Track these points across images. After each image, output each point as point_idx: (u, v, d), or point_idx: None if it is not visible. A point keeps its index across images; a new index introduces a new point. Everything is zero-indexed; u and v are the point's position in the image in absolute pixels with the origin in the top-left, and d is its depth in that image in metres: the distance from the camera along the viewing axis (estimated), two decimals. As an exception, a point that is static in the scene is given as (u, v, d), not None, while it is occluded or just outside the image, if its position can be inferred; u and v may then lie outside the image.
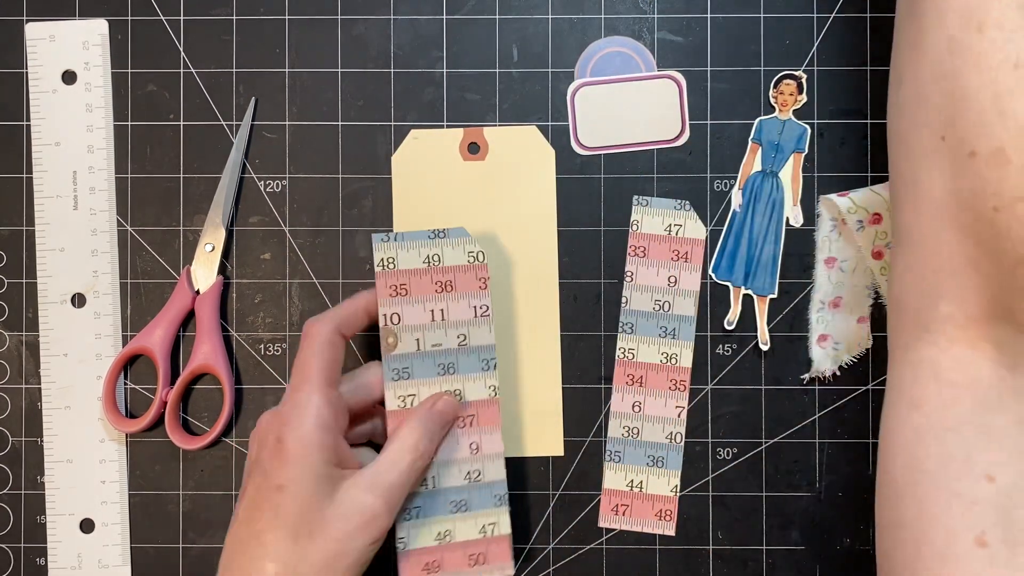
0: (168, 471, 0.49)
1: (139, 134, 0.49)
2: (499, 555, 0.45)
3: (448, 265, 0.45)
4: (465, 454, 0.45)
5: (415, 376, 0.44)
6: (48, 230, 0.48)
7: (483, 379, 0.45)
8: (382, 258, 0.44)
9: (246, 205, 0.49)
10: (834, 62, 0.49)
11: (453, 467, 0.44)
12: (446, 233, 0.45)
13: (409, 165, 0.49)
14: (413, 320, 0.44)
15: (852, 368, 0.48)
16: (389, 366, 0.44)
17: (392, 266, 0.44)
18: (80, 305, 0.49)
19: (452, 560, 0.44)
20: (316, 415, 0.40)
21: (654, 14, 0.49)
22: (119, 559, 0.48)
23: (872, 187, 0.48)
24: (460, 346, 0.45)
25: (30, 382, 0.49)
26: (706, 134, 0.49)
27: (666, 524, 0.48)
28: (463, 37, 0.49)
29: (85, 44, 0.49)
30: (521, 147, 0.49)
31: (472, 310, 0.45)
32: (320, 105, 0.49)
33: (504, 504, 0.45)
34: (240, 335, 0.49)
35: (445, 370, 0.45)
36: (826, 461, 0.48)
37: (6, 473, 0.49)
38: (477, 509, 0.44)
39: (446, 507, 0.44)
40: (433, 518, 0.44)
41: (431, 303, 0.45)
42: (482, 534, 0.44)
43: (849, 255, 0.48)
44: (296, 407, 0.40)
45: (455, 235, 0.45)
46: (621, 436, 0.48)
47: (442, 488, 0.44)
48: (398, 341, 0.44)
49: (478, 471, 0.45)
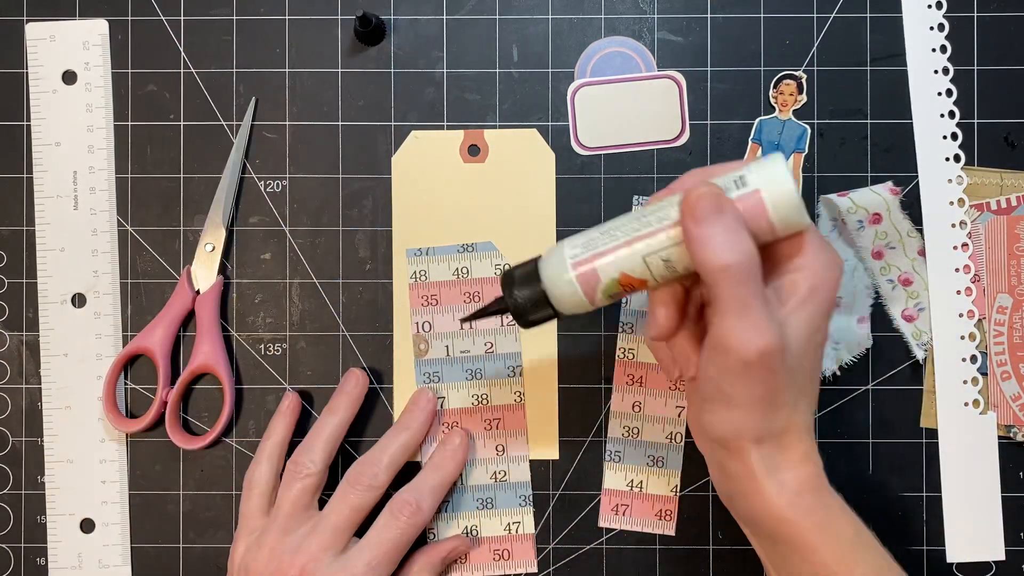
0: (168, 471, 0.49)
1: (139, 134, 0.49)
2: (523, 552, 0.47)
3: (476, 277, 0.48)
4: (491, 455, 0.48)
5: (444, 380, 0.48)
6: (48, 230, 0.49)
7: (509, 384, 0.48)
8: (415, 271, 0.47)
9: (246, 205, 0.49)
10: (834, 62, 0.49)
11: (479, 467, 0.48)
12: (474, 247, 0.48)
13: (409, 166, 0.49)
14: (443, 328, 0.47)
15: (852, 368, 0.48)
16: (420, 370, 0.48)
17: (424, 278, 0.47)
18: (80, 305, 0.49)
19: (477, 554, 0.47)
20: None
21: (654, 14, 0.49)
22: (119, 559, 0.48)
23: (872, 187, 0.48)
24: (487, 352, 0.48)
25: (30, 382, 0.49)
26: (706, 134, 0.49)
27: (666, 524, 0.48)
28: (463, 37, 0.49)
29: (85, 44, 0.49)
30: (521, 149, 0.49)
31: (498, 319, 0.48)
32: (320, 105, 0.49)
33: (529, 504, 0.48)
34: (240, 335, 0.49)
35: (472, 375, 0.48)
36: (826, 461, 0.48)
37: (6, 473, 0.49)
38: (502, 507, 0.47)
39: (473, 503, 0.47)
40: (461, 512, 0.47)
41: (460, 312, 0.48)
42: (507, 531, 0.47)
43: (849, 255, 0.48)
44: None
45: (483, 249, 0.48)
46: (621, 436, 0.48)
47: (469, 485, 0.48)
48: (429, 347, 0.47)
49: (503, 471, 0.48)
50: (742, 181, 0.35)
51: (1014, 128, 0.48)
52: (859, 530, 0.37)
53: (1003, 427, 0.48)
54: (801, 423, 0.36)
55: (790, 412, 0.35)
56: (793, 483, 0.36)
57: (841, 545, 0.36)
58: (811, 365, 0.36)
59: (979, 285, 0.48)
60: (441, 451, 0.47)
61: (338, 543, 0.43)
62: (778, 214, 0.34)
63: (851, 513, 0.37)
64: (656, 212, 0.36)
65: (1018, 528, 0.48)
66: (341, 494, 0.44)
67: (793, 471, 0.36)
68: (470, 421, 0.48)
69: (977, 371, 0.48)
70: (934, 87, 0.48)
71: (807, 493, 0.36)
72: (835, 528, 0.36)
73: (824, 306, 0.35)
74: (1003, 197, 0.48)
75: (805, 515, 0.36)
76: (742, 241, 0.33)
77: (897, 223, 0.48)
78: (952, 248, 0.48)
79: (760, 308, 0.33)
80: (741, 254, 0.33)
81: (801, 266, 0.35)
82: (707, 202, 0.33)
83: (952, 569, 0.48)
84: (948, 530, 0.48)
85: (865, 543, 0.37)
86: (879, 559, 0.37)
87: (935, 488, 0.48)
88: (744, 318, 0.33)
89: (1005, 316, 0.48)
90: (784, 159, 0.35)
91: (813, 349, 0.35)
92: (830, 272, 0.35)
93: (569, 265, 0.36)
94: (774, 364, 0.33)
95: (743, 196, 0.34)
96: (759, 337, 0.33)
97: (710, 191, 0.34)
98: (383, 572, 0.43)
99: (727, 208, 0.33)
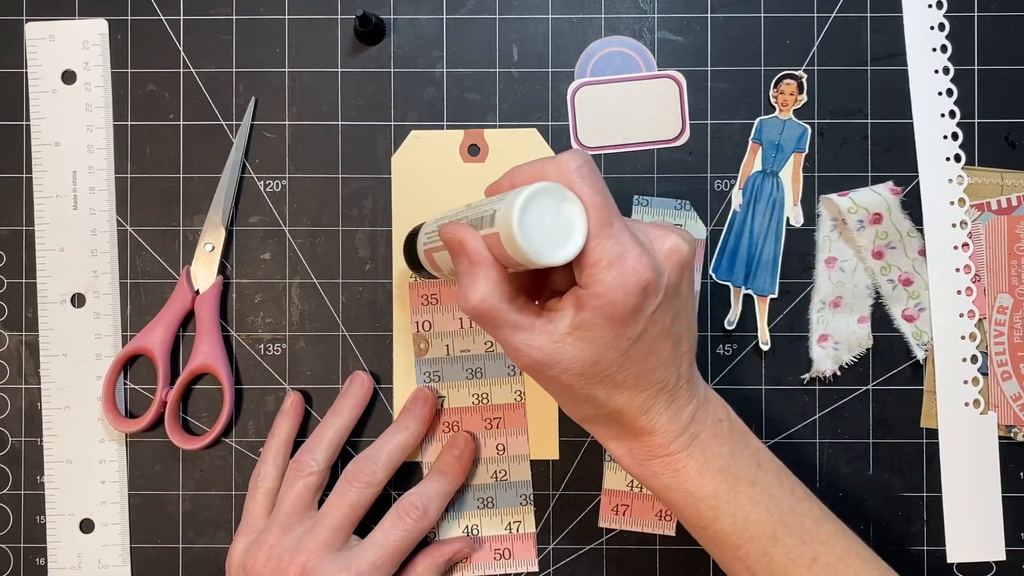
0: (168, 471, 0.49)
1: (139, 134, 0.49)
2: (524, 552, 0.47)
3: None
4: (492, 454, 0.48)
5: (445, 379, 0.48)
6: (48, 230, 0.48)
7: (509, 383, 0.48)
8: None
9: (246, 205, 0.49)
10: (834, 62, 0.49)
11: (480, 466, 0.48)
12: None
13: (409, 165, 0.49)
14: (443, 327, 0.47)
15: (852, 368, 0.48)
16: (420, 369, 0.48)
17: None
18: (80, 305, 0.48)
19: (478, 553, 0.47)
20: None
21: (654, 14, 0.49)
22: (119, 559, 0.48)
23: (872, 187, 0.48)
24: (487, 352, 0.47)
25: (30, 382, 0.49)
26: (706, 134, 0.49)
27: (666, 524, 0.48)
28: (463, 37, 0.49)
29: (85, 44, 0.49)
30: (521, 149, 0.49)
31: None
32: (320, 105, 0.49)
33: (529, 503, 0.48)
34: (240, 335, 0.49)
35: (473, 374, 0.48)
36: (826, 461, 0.48)
37: (6, 473, 0.49)
38: (503, 506, 0.48)
39: (474, 502, 0.47)
40: (462, 512, 0.47)
41: (460, 311, 0.47)
42: (507, 531, 0.47)
43: (849, 255, 0.48)
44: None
45: None
46: (621, 436, 0.48)
47: (470, 485, 0.48)
48: (429, 346, 0.47)
49: (504, 470, 0.48)
50: (491, 219, 0.34)
51: (1014, 128, 0.48)
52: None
53: (1003, 427, 0.48)
54: (625, 406, 0.37)
55: (602, 403, 0.37)
56: (625, 459, 0.39)
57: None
58: (621, 369, 0.36)
59: (979, 285, 0.48)
60: (448, 456, 0.47)
61: (337, 541, 0.43)
62: (517, 256, 0.33)
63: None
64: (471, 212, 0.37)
65: (1018, 528, 0.48)
66: (339, 492, 0.44)
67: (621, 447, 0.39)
68: (470, 420, 0.48)
69: (977, 371, 0.48)
70: (934, 87, 0.48)
71: (649, 461, 0.39)
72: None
73: (610, 323, 0.34)
74: (1003, 197, 0.48)
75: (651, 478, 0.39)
76: (476, 289, 0.35)
77: (897, 223, 0.48)
78: (952, 248, 0.48)
79: (512, 334, 0.35)
80: (476, 300, 0.35)
81: (588, 284, 0.34)
82: (449, 248, 0.36)
83: (952, 569, 0.48)
84: (948, 530, 0.48)
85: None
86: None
87: (935, 488, 0.48)
88: (505, 341, 0.36)
89: (1005, 316, 0.48)
90: (523, 199, 0.32)
91: (619, 356, 0.35)
92: (616, 294, 0.34)
93: (423, 253, 0.42)
94: (548, 374, 0.36)
95: (489, 234, 0.34)
96: (525, 355, 0.35)
97: (451, 237, 0.35)
98: (386, 572, 0.43)
99: (460, 256, 0.35)
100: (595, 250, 0.33)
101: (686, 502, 0.39)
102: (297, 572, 0.41)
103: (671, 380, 0.37)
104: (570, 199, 0.33)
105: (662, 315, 0.35)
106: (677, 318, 0.36)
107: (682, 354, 0.37)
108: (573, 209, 0.33)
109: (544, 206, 0.33)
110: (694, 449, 0.38)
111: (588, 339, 0.34)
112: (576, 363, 0.35)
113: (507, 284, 0.35)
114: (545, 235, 0.33)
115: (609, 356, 0.35)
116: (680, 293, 0.36)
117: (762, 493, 0.39)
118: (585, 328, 0.34)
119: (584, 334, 0.34)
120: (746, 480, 0.38)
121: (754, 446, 0.40)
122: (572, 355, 0.35)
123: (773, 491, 0.39)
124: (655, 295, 0.34)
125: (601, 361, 0.35)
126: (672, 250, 0.36)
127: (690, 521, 0.39)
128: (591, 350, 0.35)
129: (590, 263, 0.34)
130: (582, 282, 0.34)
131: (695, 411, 0.38)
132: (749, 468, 0.39)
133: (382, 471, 0.44)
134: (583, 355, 0.35)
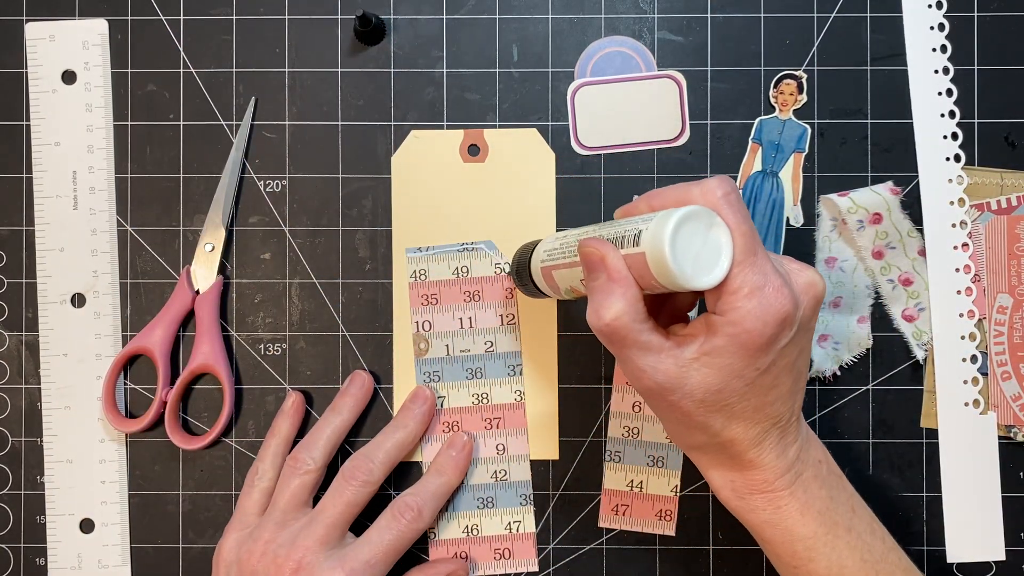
0: (168, 471, 0.49)
1: (139, 134, 0.49)
2: (524, 552, 0.48)
3: (476, 276, 0.48)
4: (491, 454, 0.48)
5: (445, 379, 0.48)
6: (48, 230, 0.48)
7: (509, 383, 0.48)
8: (415, 270, 0.47)
9: (246, 205, 0.49)
10: (834, 62, 0.49)
11: (480, 466, 0.48)
12: (474, 246, 0.48)
13: (409, 165, 0.49)
14: (443, 327, 0.47)
15: (852, 368, 0.48)
16: (420, 369, 0.48)
17: (424, 277, 0.47)
18: (80, 305, 0.49)
19: (478, 552, 0.48)
20: None
21: (654, 14, 0.49)
22: (119, 559, 0.48)
23: (872, 187, 0.48)
24: (487, 351, 0.48)
25: (30, 382, 0.49)
26: (706, 134, 0.49)
27: (666, 524, 0.48)
28: (463, 37, 0.49)
29: (85, 44, 0.49)
30: (521, 149, 0.49)
31: (499, 318, 0.48)
32: (320, 105, 0.49)
33: (529, 503, 0.48)
34: (240, 335, 0.49)
35: (473, 374, 0.48)
36: (826, 461, 0.48)
37: (6, 473, 0.49)
38: (503, 506, 0.48)
39: (473, 502, 0.47)
40: (461, 512, 0.47)
41: (460, 311, 0.48)
42: (507, 530, 0.47)
43: (849, 255, 0.48)
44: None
45: (483, 248, 0.48)
46: (621, 436, 0.48)
47: (470, 484, 0.48)
48: (429, 346, 0.47)
49: (504, 470, 0.48)
50: (637, 239, 0.34)
51: (1014, 128, 0.48)
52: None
53: (1003, 427, 0.48)
54: (738, 437, 0.37)
55: (715, 432, 0.36)
56: (725, 490, 0.39)
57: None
58: (743, 400, 0.36)
59: (979, 285, 0.48)
60: (445, 456, 0.47)
61: (333, 538, 0.43)
62: (663, 279, 0.33)
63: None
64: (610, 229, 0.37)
65: (1018, 528, 0.48)
66: (336, 489, 0.44)
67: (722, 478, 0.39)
68: (470, 420, 0.48)
69: (977, 371, 0.48)
70: (934, 87, 0.48)
71: (751, 496, 0.38)
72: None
73: (742, 352, 0.34)
74: (1003, 197, 0.48)
75: (750, 512, 0.39)
76: (611, 306, 0.34)
77: (897, 223, 0.48)
78: (952, 248, 0.48)
79: (640, 355, 0.35)
80: (610, 317, 0.34)
81: (724, 311, 0.34)
82: (587, 263, 0.36)
83: (952, 569, 0.48)
84: (948, 530, 0.48)
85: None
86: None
87: (935, 488, 0.48)
88: (629, 361, 0.35)
89: (1005, 316, 0.48)
90: (675, 221, 0.32)
91: (743, 386, 0.35)
92: (755, 323, 0.34)
93: (539, 270, 0.42)
94: (668, 398, 0.35)
95: (632, 254, 0.34)
96: (649, 377, 0.35)
97: (592, 252, 0.35)
98: (380, 571, 0.43)
99: (599, 271, 0.35)
100: (737, 277, 0.34)
101: (783, 539, 0.38)
102: (293, 568, 0.41)
103: (785, 415, 0.37)
104: (718, 224, 0.33)
105: (791, 349, 0.35)
106: (802, 354, 0.37)
107: (798, 390, 0.38)
108: (721, 235, 0.33)
109: (693, 230, 0.33)
110: (796, 488, 0.38)
111: (716, 366, 0.34)
112: (699, 389, 0.35)
113: (642, 304, 0.35)
114: (693, 259, 0.33)
115: (733, 385, 0.35)
116: (810, 329, 0.36)
117: (857, 539, 0.39)
118: (714, 355, 0.34)
119: (712, 360, 0.34)
120: (843, 525, 0.39)
121: (848, 491, 0.40)
122: (697, 381, 0.35)
123: (866, 538, 0.39)
124: (791, 328, 0.34)
125: (725, 389, 0.35)
126: (809, 284, 0.36)
127: (782, 558, 0.39)
128: (717, 377, 0.35)
129: (731, 290, 0.34)
130: (718, 309, 0.34)
131: (800, 450, 0.38)
132: (846, 513, 0.39)
133: (379, 469, 0.44)
134: (708, 381, 0.35)
